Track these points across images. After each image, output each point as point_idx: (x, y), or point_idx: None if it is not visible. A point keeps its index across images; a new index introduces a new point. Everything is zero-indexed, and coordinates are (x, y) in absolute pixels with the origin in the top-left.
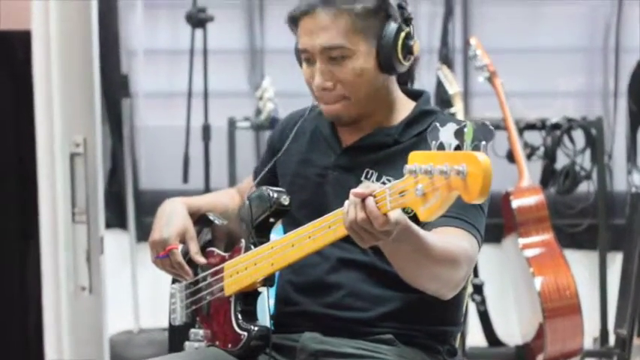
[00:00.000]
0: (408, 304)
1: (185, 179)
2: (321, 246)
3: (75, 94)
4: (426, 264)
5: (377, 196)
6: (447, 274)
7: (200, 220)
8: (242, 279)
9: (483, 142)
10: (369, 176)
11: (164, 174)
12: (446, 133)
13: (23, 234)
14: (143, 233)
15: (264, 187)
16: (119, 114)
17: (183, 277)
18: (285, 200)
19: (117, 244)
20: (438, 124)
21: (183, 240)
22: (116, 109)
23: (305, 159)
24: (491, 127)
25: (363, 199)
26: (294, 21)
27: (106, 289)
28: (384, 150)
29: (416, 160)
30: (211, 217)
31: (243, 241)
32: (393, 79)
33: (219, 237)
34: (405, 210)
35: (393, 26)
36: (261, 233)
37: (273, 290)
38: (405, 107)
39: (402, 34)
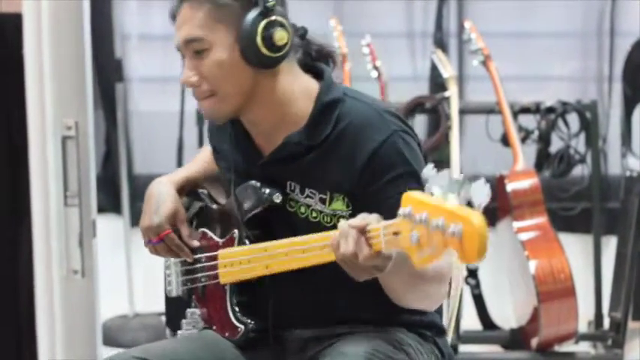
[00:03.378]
0: (384, 301)
1: (179, 164)
2: (312, 264)
3: (66, 77)
4: (419, 285)
5: (372, 231)
6: (437, 292)
7: (190, 193)
8: (236, 273)
9: (479, 202)
10: (292, 189)
11: (158, 158)
12: (440, 182)
13: (15, 217)
14: (137, 218)
15: (255, 183)
16: (113, 98)
17: (184, 257)
18: (277, 198)
19: (111, 228)
20: (430, 167)
21: (173, 223)
22: (110, 93)
23: (233, 166)
24: (489, 189)
25: (361, 230)
26: (173, 18)
27: (98, 273)
28: (299, 160)
29: (410, 202)
30: (202, 196)
31: (236, 231)
32: (281, 73)
33: (212, 219)
34: None
35: (251, 15)
36: (253, 227)
37: None
38: (309, 97)
39: (262, 23)
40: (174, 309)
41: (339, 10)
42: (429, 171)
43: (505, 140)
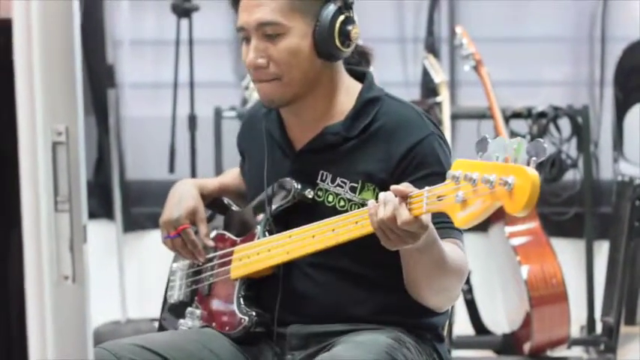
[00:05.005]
0: (387, 304)
1: (171, 169)
2: (344, 240)
3: (57, 83)
4: (439, 276)
5: (414, 197)
6: (454, 287)
7: (214, 203)
8: (252, 264)
9: (534, 158)
10: (324, 178)
11: (150, 164)
12: (495, 145)
13: (5, 223)
14: (130, 224)
15: (289, 179)
16: (105, 104)
17: (196, 258)
18: (310, 193)
19: (103, 234)
20: (487, 137)
21: (193, 221)
22: (102, 99)
23: (263, 166)
24: (545, 145)
25: (403, 197)
26: (235, 1)
27: (90, 279)
28: (335, 150)
29: (460, 167)
30: (226, 202)
31: (258, 227)
32: (337, 67)
33: (232, 222)
34: None
35: (331, 8)
36: (278, 222)
37: None
38: (350, 94)
39: (341, 18)
40: (172, 311)
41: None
42: (483, 139)
43: None
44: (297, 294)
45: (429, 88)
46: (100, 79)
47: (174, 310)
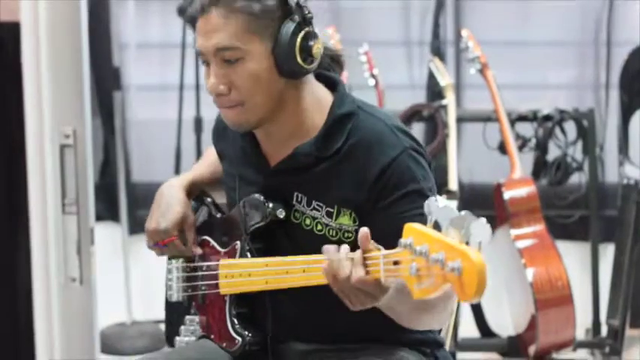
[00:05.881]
0: (382, 322)
1: (177, 171)
2: (314, 284)
3: (64, 86)
4: (425, 312)
5: (371, 258)
6: (443, 313)
7: (199, 197)
8: (237, 284)
9: (479, 240)
10: (299, 200)
11: (156, 166)
12: (443, 215)
13: (13, 225)
14: (136, 226)
15: (259, 197)
16: (111, 107)
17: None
18: (281, 214)
19: (109, 236)
20: (435, 199)
21: (181, 229)
22: (108, 102)
23: (237, 174)
24: (489, 227)
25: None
26: (192, 21)
27: (97, 281)
28: (308, 171)
29: (411, 234)
30: (210, 206)
31: (238, 243)
32: (303, 84)
33: (215, 229)
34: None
35: (289, 26)
36: (256, 240)
37: None
38: (321, 109)
39: (300, 35)
40: (174, 315)
41: (336, 19)
42: (433, 202)
43: (502, 148)
44: (290, 314)
45: (434, 91)
46: (106, 81)
47: (176, 311)
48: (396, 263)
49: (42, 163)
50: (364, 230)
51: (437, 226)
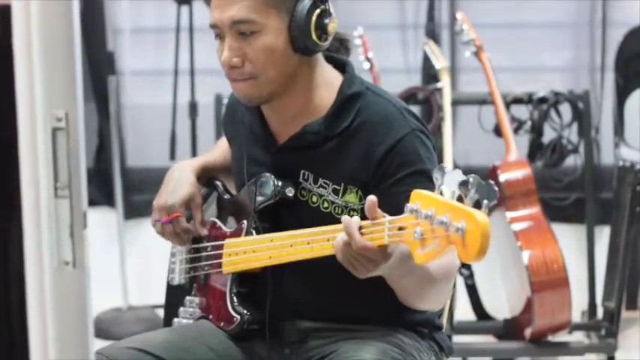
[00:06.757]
0: (382, 302)
1: (172, 156)
2: (318, 256)
3: (56, 68)
4: (428, 289)
5: (375, 225)
6: (444, 291)
7: (209, 182)
8: (239, 262)
9: (485, 201)
10: (306, 178)
11: (151, 151)
12: (451, 180)
13: (5, 209)
14: (131, 211)
15: (269, 175)
16: (105, 92)
17: (181, 244)
18: (290, 192)
19: (104, 221)
20: (444, 167)
21: (188, 207)
22: (102, 86)
23: (245, 154)
24: (496, 189)
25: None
26: None
27: (90, 265)
28: (316, 149)
29: (418, 199)
30: (219, 188)
31: (245, 222)
32: (315, 62)
33: (224, 210)
34: None
35: (306, 2)
36: (263, 219)
37: None
38: (330, 89)
39: (316, 12)
40: (175, 296)
41: (331, 2)
42: (441, 169)
43: (498, 131)
44: (290, 292)
45: (429, 75)
46: (100, 66)
47: (176, 294)
48: (401, 229)
49: (34, 147)
50: (372, 198)
51: (443, 193)
